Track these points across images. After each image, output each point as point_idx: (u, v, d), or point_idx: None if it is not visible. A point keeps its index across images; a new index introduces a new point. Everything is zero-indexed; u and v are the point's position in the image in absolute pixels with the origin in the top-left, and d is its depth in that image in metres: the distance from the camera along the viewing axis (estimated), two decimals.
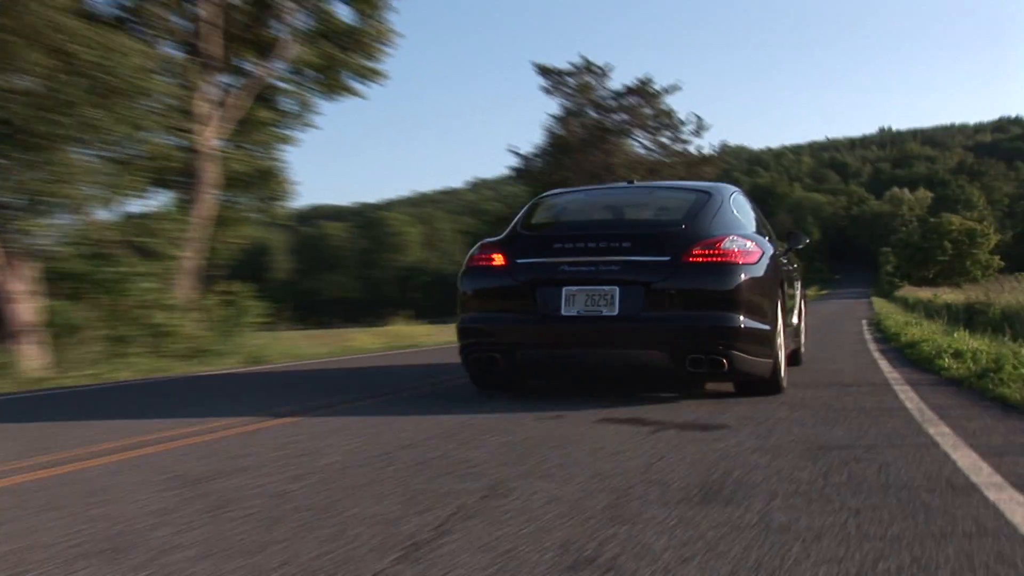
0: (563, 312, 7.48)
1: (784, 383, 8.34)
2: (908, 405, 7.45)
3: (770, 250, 8.03)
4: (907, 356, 13.03)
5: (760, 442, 5.59)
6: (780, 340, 8.00)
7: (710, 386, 8.82)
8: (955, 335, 15.40)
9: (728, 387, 8.59)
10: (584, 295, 7.44)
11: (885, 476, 4.58)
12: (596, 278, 7.47)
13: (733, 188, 8.76)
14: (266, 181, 23.21)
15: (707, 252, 7.41)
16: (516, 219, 8.41)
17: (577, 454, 5.32)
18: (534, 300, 7.61)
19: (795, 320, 9.71)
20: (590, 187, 9.65)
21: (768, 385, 7.96)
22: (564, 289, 7.51)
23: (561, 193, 9.09)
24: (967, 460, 4.96)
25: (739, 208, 8.47)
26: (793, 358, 10.58)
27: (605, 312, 7.37)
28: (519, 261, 7.76)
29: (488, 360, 7.84)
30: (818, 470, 4.74)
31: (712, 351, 7.24)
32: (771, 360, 7.68)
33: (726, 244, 7.47)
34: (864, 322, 29.30)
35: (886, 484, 4.41)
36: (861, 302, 67.89)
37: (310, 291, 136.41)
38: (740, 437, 5.80)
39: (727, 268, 7.35)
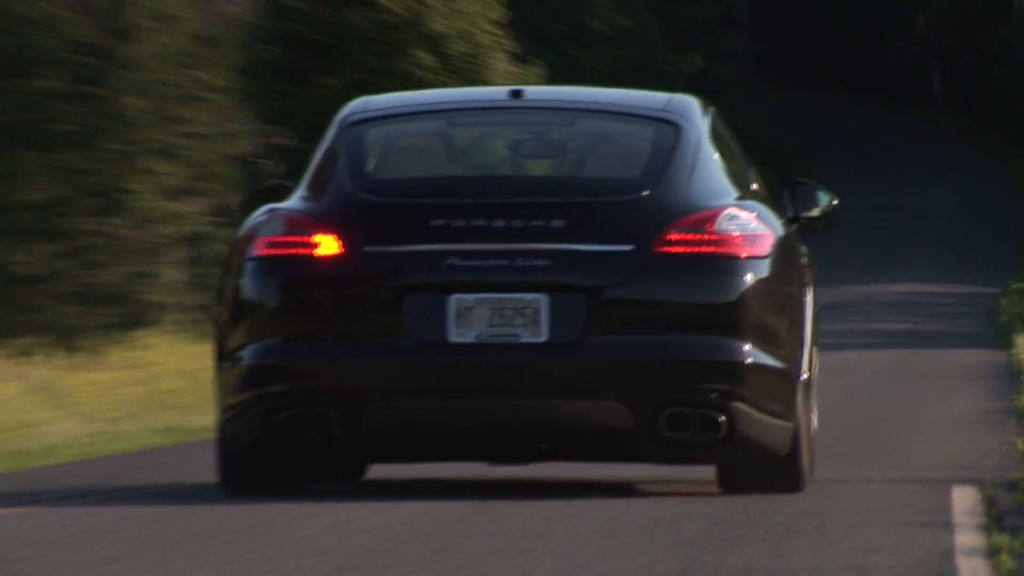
0: (452, 337, 5.95)
1: (809, 471, 6.26)
2: None
3: (780, 229, 6.30)
4: None
5: None
6: (803, 390, 6.33)
7: None
8: None
9: None
10: (488, 308, 5.99)
11: None
12: (510, 280, 6.01)
13: (701, 106, 6.73)
14: None
15: (692, 238, 5.98)
16: (334, 167, 6.32)
17: None
18: (401, 317, 6.01)
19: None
20: (447, 97, 7.96)
21: (782, 471, 6.13)
22: (453, 298, 5.97)
23: (401, 115, 6.97)
24: None
25: (720, 146, 6.67)
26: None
27: (525, 337, 5.96)
28: (370, 249, 6.02)
29: (312, 423, 5.92)
30: None
31: (702, 403, 5.85)
32: (791, 424, 6.05)
33: (723, 224, 5.97)
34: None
35: None
36: (943, 362, 20.50)
37: None
38: None
39: (725, 265, 5.98)
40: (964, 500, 6.04)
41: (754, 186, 6.89)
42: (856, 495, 6.42)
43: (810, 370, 6.85)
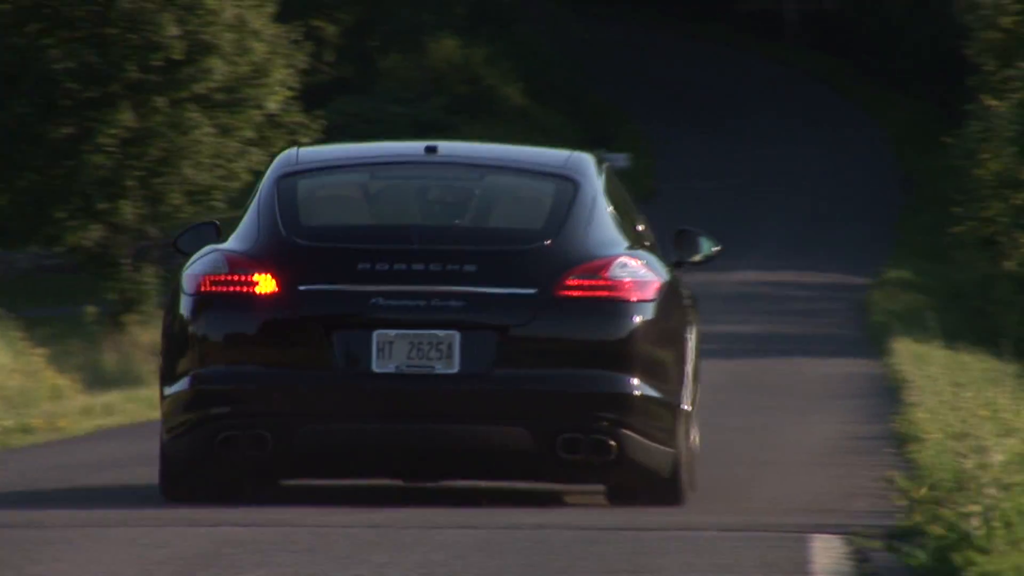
0: (375, 368, 6.60)
1: (690, 485, 6.91)
2: None
3: (666, 275, 6.99)
4: None
5: None
6: (684, 419, 7.00)
7: None
8: None
9: None
10: (407, 343, 6.62)
11: None
12: (426, 318, 6.66)
13: (597, 163, 7.38)
14: None
15: (588, 283, 6.64)
16: (269, 214, 6.94)
17: None
18: (329, 349, 6.66)
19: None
20: (369, 152, 8.48)
21: (664, 490, 6.77)
22: (376, 334, 6.60)
23: (329, 168, 7.72)
24: None
25: (614, 200, 7.30)
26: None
27: (439, 369, 6.63)
28: (303, 288, 6.63)
29: (249, 443, 6.52)
30: None
31: (595, 429, 6.50)
32: (672, 450, 6.71)
33: (615, 271, 6.64)
34: None
35: None
36: (799, 374, 16.71)
37: None
38: None
39: (616, 307, 6.63)
40: (827, 554, 4.63)
41: (642, 231, 7.44)
42: (685, 547, 4.94)
43: (692, 402, 7.41)
